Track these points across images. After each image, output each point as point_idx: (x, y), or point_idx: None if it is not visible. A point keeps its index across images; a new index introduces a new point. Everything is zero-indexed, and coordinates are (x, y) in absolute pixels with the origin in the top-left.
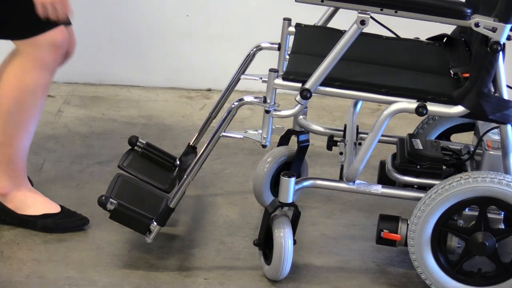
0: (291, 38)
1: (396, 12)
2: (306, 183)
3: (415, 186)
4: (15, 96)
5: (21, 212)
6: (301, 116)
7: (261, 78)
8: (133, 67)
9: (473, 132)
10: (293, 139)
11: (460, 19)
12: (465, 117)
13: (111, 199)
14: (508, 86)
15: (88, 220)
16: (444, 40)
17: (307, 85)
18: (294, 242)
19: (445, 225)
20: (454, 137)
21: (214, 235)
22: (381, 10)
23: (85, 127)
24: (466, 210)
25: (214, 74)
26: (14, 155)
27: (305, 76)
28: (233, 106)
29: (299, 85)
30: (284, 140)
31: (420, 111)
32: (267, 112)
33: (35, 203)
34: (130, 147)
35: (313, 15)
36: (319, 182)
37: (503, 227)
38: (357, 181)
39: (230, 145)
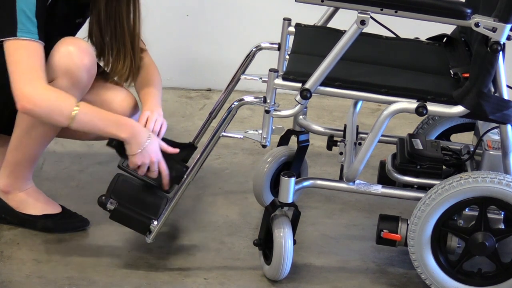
0: (291, 38)
1: (396, 12)
2: (306, 183)
3: (415, 186)
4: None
5: (22, 211)
6: (301, 116)
7: (261, 78)
8: None
9: (473, 132)
10: (293, 139)
11: (460, 19)
12: (465, 117)
13: (111, 199)
14: (508, 86)
15: (88, 222)
16: (444, 40)
17: (307, 85)
18: (294, 242)
19: (445, 225)
20: (454, 137)
21: (214, 235)
22: (381, 10)
23: None
24: (466, 210)
25: (214, 74)
26: (23, 160)
27: (305, 76)
28: (233, 106)
29: (299, 85)
30: (284, 140)
31: (420, 111)
32: (267, 112)
33: (36, 203)
34: None
35: (313, 15)
36: (319, 182)
37: (503, 227)
38: (357, 181)
39: (230, 145)
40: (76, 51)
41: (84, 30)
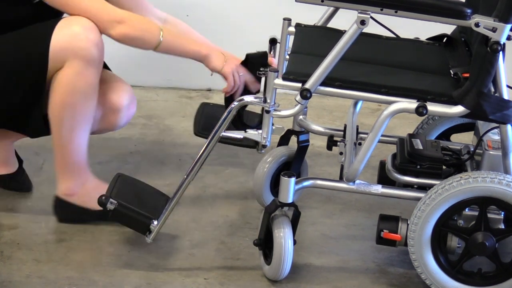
0: (291, 38)
1: (396, 12)
2: (306, 183)
3: (415, 186)
4: (67, 102)
5: (88, 206)
6: (301, 116)
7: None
8: (133, 67)
9: (473, 132)
10: (293, 139)
11: (460, 19)
12: (465, 117)
13: (111, 199)
14: (508, 86)
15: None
16: (444, 40)
17: (307, 85)
18: (294, 242)
19: (445, 225)
20: (454, 137)
21: (214, 235)
22: (381, 10)
23: None
24: (466, 210)
25: (214, 74)
26: (73, 155)
27: (305, 76)
28: (233, 106)
29: (299, 85)
30: (284, 140)
31: (420, 111)
32: (267, 112)
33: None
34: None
35: (313, 15)
36: (319, 182)
37: (503, 227)
38: (357, 181)
39: (230, 145)
40: (81, 29)
41: None
